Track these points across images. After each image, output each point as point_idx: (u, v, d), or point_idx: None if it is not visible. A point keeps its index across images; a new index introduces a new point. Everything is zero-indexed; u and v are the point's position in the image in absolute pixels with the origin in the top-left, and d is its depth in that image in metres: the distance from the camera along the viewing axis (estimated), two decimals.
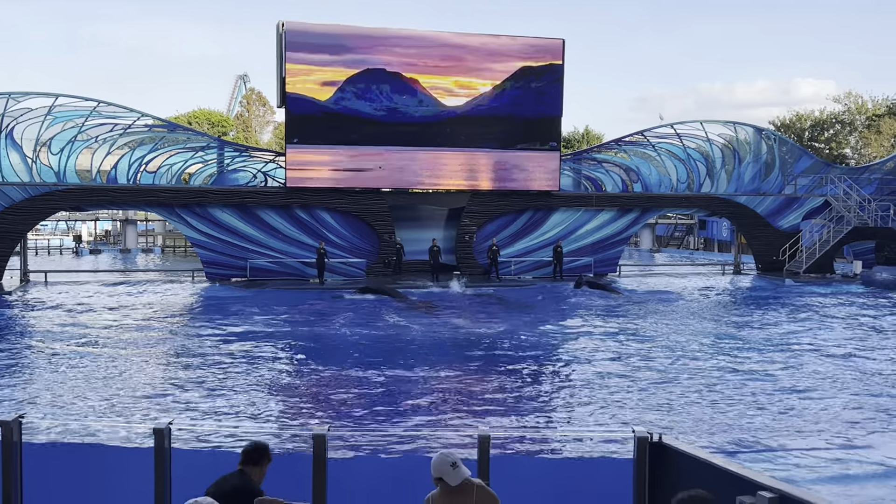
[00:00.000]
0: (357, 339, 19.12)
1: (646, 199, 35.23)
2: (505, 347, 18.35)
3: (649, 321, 22.38)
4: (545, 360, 17.07)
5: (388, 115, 31.39)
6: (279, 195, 31.10)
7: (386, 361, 16.49)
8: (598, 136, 73.39)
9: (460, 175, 32.52)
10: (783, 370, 15.78)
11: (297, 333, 20.03)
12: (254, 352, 17.32)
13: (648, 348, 18.14)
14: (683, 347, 18.24)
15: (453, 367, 16.09)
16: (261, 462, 5.34)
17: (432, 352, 17.81)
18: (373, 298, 26.50)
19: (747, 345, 18.56)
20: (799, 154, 38.26)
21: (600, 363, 16.50)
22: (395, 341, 19.07)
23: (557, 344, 19.00)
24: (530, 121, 32.88)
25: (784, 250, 35.72)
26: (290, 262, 31.28)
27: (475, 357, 17.25)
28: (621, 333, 20.09)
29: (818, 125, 65.26)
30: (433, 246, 31.73)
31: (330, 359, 16.85)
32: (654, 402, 13.23)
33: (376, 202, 32.02)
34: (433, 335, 19.94)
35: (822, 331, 20.73)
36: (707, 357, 17.10)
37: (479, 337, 19.72)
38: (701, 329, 20.87)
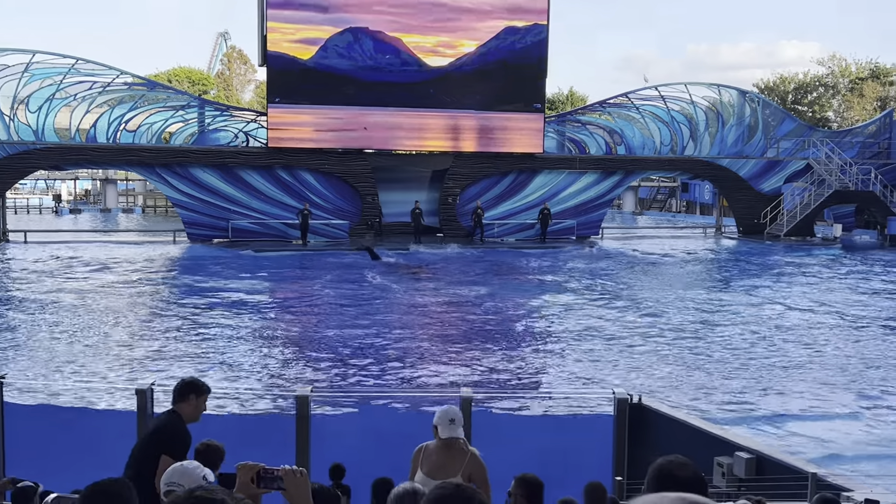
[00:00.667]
0: (340, 300, 19.13)
1: (629, 161, 35.23)
2: (487, 309, 18.42)
3: (630, 283, 22.52)
4: (528, 323, 17.17)
5: (371, 75, 31.08)
6: (261, 155, 30.85)
7: (371, 322, 16.55)
8: (583, 98, 73.02)
9: (444, 136, 32.35)
10: (761, 331, 15.96)
11: (280, 294, 20.01)
12: (236, 312, 17.29)
13: (630, 311, 18.27)
14: (662, 310, 18.37)
15: (436, 329, 16.15)
16: (186, 397, 5.24)
17: (415, 313, 17.86)
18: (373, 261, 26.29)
19: (726, 307, 18.73)
20: (782, 117, 38.32)
21: (581, 325, 16.61)
22: (380, 302, 19.11)
23: (539, 307, 19.09)
24: (514, 82, 32.65)
25: (765, 213, 35.94)
26: (272, 224, 31.15)
27: (457, 319, 17.31)
28: (603, 297, 20.20)
29: (802, 88, 65.30)
30: (415, 208, 31.66)
31: (313, 319, 16.88)
32: (635, 363, 13.37)
33: (359, 163, 31.85)
34: (416, 297, 19.98)
35: (795, 290, 20.94)
36: (685, 319, 17.25)
37: (461, 299, 19.78)
38: (680, 293, 21.02)
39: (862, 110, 58.58)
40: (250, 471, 2.76)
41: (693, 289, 21.67)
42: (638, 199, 60.15)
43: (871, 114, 55.75)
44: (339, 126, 31.02)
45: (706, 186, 50.13)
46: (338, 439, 7.41)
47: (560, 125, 36.20)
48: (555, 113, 43.96)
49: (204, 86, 71.08)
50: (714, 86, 37.10)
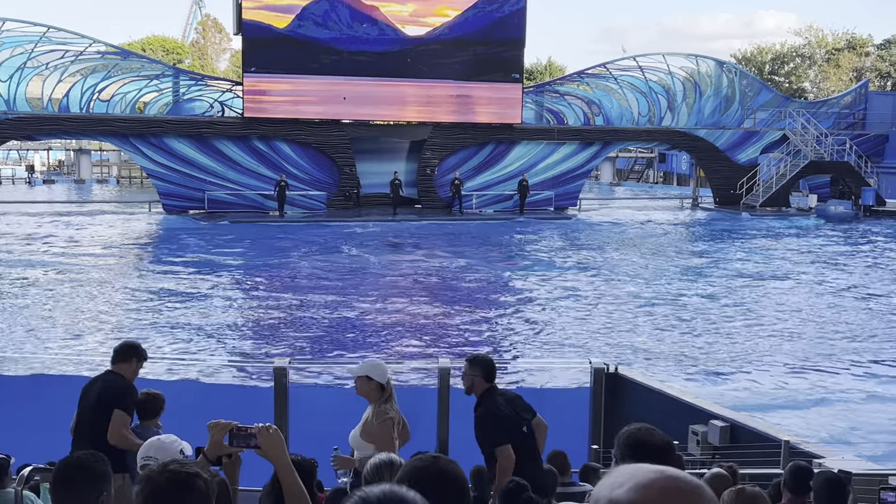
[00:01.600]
0: (317, 272, 19.08)
1: (607, 132, 35.24)
2: (464, 281, 18.46)
3: (603, 254, 22.65)
4: (503, 294, 17.23)
5: (347, 44, 30.79)
6: (237, 126, 30.56)
7: (345, 294, 16.52)
8: (561, 68, 72.83)
9: (422, 107, 32.18)
10: (735, 300, 16.13)
11: (257, 266, 19.93)
12: (212, 283, 17.21)
13: (603, 282, 18.38)
14: (639, 280, 18.51)
15: (412, 300, 16.17)
16: (129, 359, 5.43)
17: (391, 284, 17.87)
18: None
19: (701, 276, 18.89)
20: (759, 88, 38.43)
21: (557, 296, 16.69)
22: (356, 274, 19.09)
23: (515, 277, 19.15)
24: (493, 52, 32.48)
25: (742, 184, 36.16)
26: (248, 195, 30.92)
27: (434, 290, 17.33)
28: (576, 268, 20.31)
29: (779, 59, 65.50)
30: (394, 179, 31.55)
31: (291, 291, 16.83)
32: (611, 333, 13.47)
33: (336, 134, 31.63)
34: (393, 268, 19.98)
35: (770, 261, 21.18)
36: (663, 289, 17.38)
37: (438, 270, 19.79)
38: (656, 263, 21.19)
39: (838, 81, 58.93)
40: (223, 429, 2.72)
41: (669, 259, 21.82)
42: (615, 169, 60.23)
43: (847, 84, 56.08)
44: (316, 96, 30.75)
45: (683, 157, 50.30)
46: (314, 413, 7.42)
47: (538, 96, 36.08)
48: (533, 83, 43.82)
49: (178, 55, 70.06)
50: (692, 56, 37.10)
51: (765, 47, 65.91)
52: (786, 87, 62.36)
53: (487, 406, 5.01)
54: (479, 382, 5.10)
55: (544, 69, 73.12)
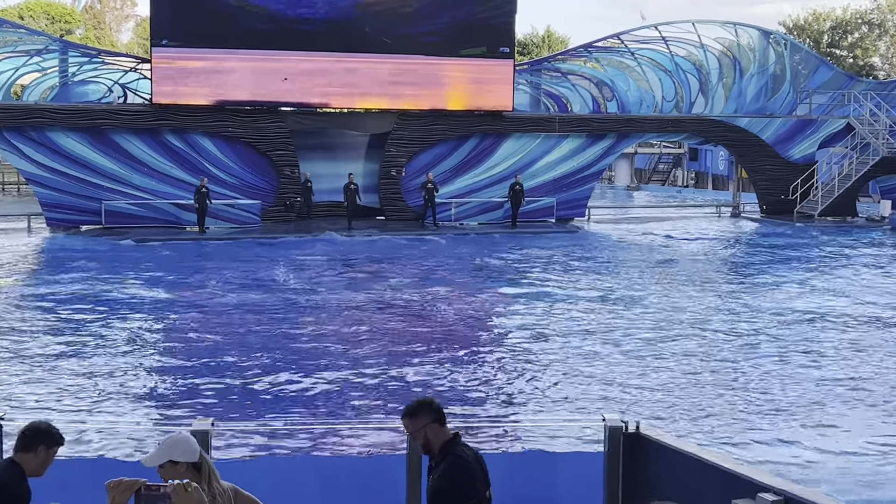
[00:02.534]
0: (246, 305, 18.98)
1: (623, 121, 35.46)
2: (443, 314, 18.42)
3: (621, 279, 22.70)
4: (492, 331, 17.21)
5: (288, 9, 30.84)
6: (144, 116, 30.47)
7: (284, 334, 16.46)
8: (563, 41, 73.46)
9: (384, 90, 32.24)
10: (790, 345, 16.20)
11: (170, 297, 19.78)
12: (112, 323, 17.06)
13: (621, 316, 18.40)
14: (665, 314, 18.54)
15: (374, 339, 16.10)
16: (34, 448, 5.16)
17: (345, 318, 17.80)
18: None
19: (747, 312, 18.96)
20: (816, 64, 38.88)
21: (561, 334, 16.70)
22: (296, 305, 19.02)
23: (506, 310, 19.15)
24: (475, 19, 32.63)
25: (795, 187, 36.46)
26: (159, 205, 30.76)
27: (402, 328, 17.28)
28: (587, 299, 20.32)
29: (840, 27, 66.43)
30: (349, 183, 31.54)
31: (213, 331, 16.71)
32: (632, 383, 13.45)
33: (274, 126, 31.61)
34: (346, 300, 19.91)
35: (833, 292, 21.29)
36: (694, 327, 17.42)
37: (406, 301, 19.74)
38: (687, 292, 21.24)
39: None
40: (127, 490, 2.71)
41: (703, 288, 21.89)
42: (634, 170, 60.66)
43: None
44: (248, 76, 30.74)
45: (720, 153, 50.74)
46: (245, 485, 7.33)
47: (535, 75, 36.26)
48: (528, 60, 44.08)
49: (67, 24, 69.87)
50: (730, 25, 37.47)
51: (822, 13, 66.88)
52: (849, 64, 63.25)
53: (456, 457, 5.02)
54: (435, 431, 5.12)
55: (541, 41, 73.63)
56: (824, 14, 66.98)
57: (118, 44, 74.72)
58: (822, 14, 67.00)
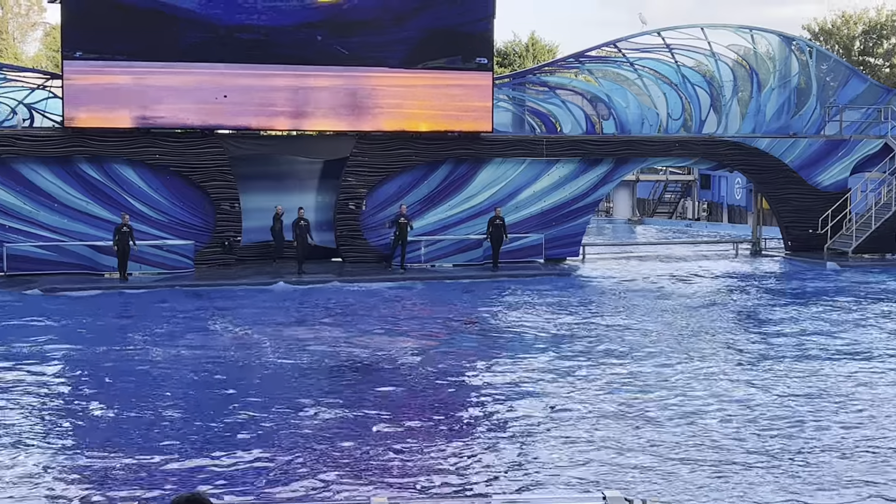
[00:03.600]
0: (179, 368, 18.83)
1: (621, 144, 35.50)
2: (416, 375, 18.28)
3: (627, 330, 22.60)
4: (477, 401, 17.08)
5: (225, 15, 30.80)
6: (54, 141, 30.33)
7: (228, 397, 16.29)
8: (550, 49, 73.97)
9: (340, 109, 32.21)
10: (824, 413, 16.09)
11: (83, 364, 19.51)
12: (11, 397, 16.77)
13: (623, 376, 18.29)
14: (672, 374, 18.48)
15: (335, 404, 15.97)
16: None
17: (300, 382, 17.63)
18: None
19: (770, 372, 18.87)
20: (847, 75, 39.11)
21: (552, 394, 16.58)
22: (241, 366, 18.80)
23: (494, 375, 19.03)
24: (446, 26, 32.67)
25: (825, 220, 36.54)
26: (72, 248, 30.50)
27: (367, 391, 17.13)
28: (583, 354, 20.22)
29: (874, 31, 67.18)
30: (299, 219, 31.39)
31: (140, 396, 16.54)
32: (632, 455, 13.32)
33: (209, 152, 31.49)
34: (297, 359, 19.75)
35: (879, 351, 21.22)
36: (709, 391, 17.32)
37: (373, 359, 19.57)
38: (699, 346, 21.16)
39: None
40: None
41: (725, 340, 21.79)
42: (636, 200, 60.87)
43: None
44: (178, 94, 30.65)
45: (736, 181, 50.95)
46: None
47: (517, 90, 36.29)
48: (509, 72, 44.22)
49: None
50: (745, 30, 37.69)
51: (853, 14, 67.60)
52: (886, 74, 63.90)
53: None
54: None
55: (525, 51, 74.12)
56: (856, 16, 67.68)
57: (23, 57, 74.51)
58: (852, 17, 67.70)
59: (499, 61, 61.60)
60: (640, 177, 56.73)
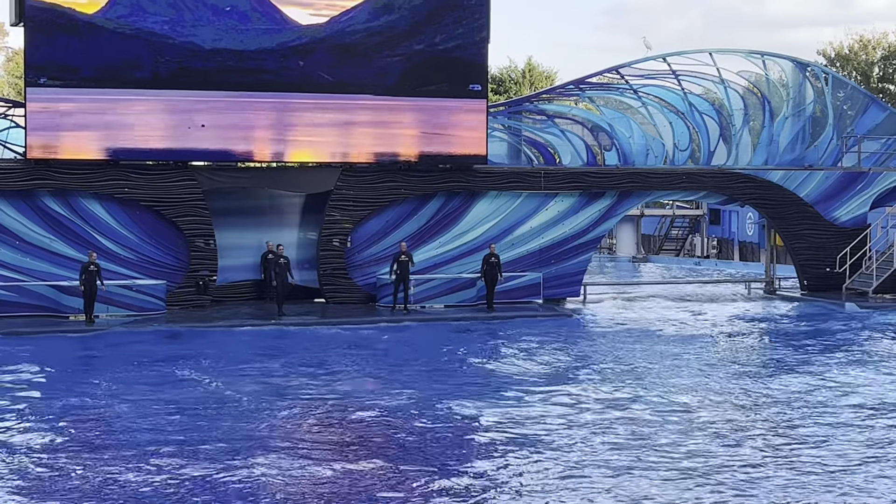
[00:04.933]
0: (153, 423, 18.65)
1: (624, 176, 35.52)
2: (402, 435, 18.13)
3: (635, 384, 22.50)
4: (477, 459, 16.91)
5: (201, 39, 30.88)
6: (15, 174, 30.37)
7: (205, 451, 16.17)
8: (549, 76, 74.26)
9: (325, 139, 32.30)
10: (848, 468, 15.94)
11: (47, 418, 19.33)
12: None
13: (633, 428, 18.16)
14: (687, 425, 18.41)
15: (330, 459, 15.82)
16: None
17: (279, 441, 17.44)
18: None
19: (790, 424, 18.77)
20: (865, 103, 39.18)
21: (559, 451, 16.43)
22: (219, 423, 18.73)
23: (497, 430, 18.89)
24: (438, 51, 32.81)
25: (843, 258, 36.51)
26: (34, 288, 30.38)
27: (365, 447, 16.99)
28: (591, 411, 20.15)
29: (894, 57, 67.39)
30: (279, 256, 31.25)
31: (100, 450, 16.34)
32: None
33: (182, 185, 31.48)
34: (277, 412, 19.58)
35: None
36: (727, 447, 17.18)
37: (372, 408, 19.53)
38: (713, 398, 21.07)
39: None
40: None
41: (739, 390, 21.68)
42: (640, 236, 60.88)
43: None
44: (149, 123, 30.70)
45: (748, 216, 50.95)
46: None
47: (513, 119, 36.33)
48: (505, 99, 44.23)
49: None
50: (756, 55, 37.83)
51: (872, 39, 67.90)
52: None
53: None
54: None
55: (521, 77, 74.36)
56: (874, 41, 68.02)
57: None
58: (871, 41, 68.02)
59: (493, 88, 61.76)
60: (645, 211, 56.82)
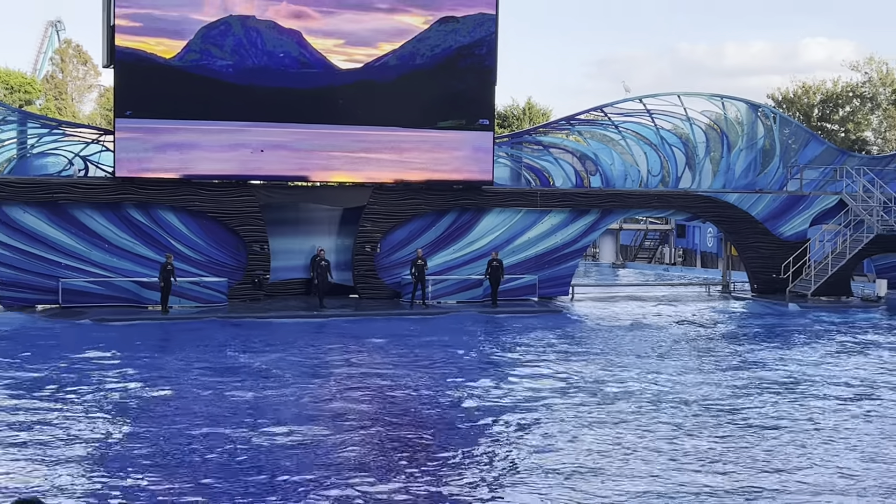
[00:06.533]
0: (210, 389, 18.73)
1: (606, 196, 35.65)
2: (425, 408, 18.27)
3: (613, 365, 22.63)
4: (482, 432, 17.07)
5: (258, 80, 30.98)
6: (106, 189, 30.40)
7: (258, 422, 16.22)
8: (545, 113, 74.29)
9: (358, 163, 32.34)
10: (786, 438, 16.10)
11: (128, 387, 19.49)
12: (62, 415, 16.78)
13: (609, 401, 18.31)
14: (655, 400, 18.44)
15: (349, 441, 15.91)
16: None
17: (317, 415, 17.59)
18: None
19: (737, 404, 18.89)
20: (806, 138, 39.31)
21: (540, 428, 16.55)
22: (269, 394, 18.78)
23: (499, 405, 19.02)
24: (453, 90, 32.91)
25: (787, 266, 36.62)
26: (120, 283, 30.57)
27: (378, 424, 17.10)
28: (573, 387, 20.23)
29: (831, 100, 67.46)
30: (320, 259, 31.40)
31: (170, 418, 16.45)
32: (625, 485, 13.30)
33: (242, 200, 31.61)
34: (316, 388, 19.72)
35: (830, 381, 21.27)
36: (687, 417, 17.32)
37: (379, 393, 19.54)
38: (678, 378, 21.18)
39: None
40: None
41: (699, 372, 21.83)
42: (619, 246, 60.89)
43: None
44: (215, 149, 30.78)
45: (709, 230, 51.03)
46: None
47: (515, 148, 36.48)
48: (508, 132, 44.44)
49: (27, 94, 70.15)
50: (717, 97, 37.94)
51: (812, 85, 67.91)
52: (841, 138, 64.16)
53: None
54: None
55: (522, 113, 74.44)
56: (815, 87, 68.03)
57: (80, 115, 75.01)
58: (812, 87, 68.05)
59: (499, 123, 61.92)
60: (623, 226, 56.86)
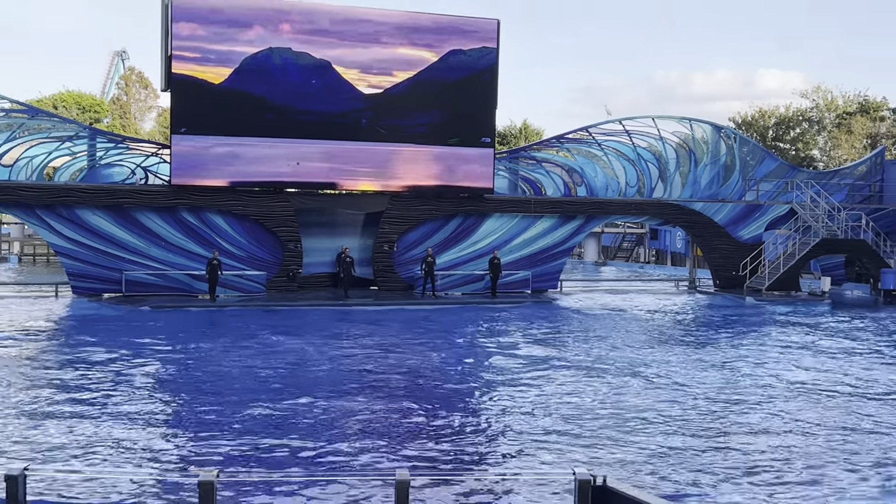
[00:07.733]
0: (252, 365, 18.85)
1: (591, 204, 35.82)
2: (426, 376, 18.34)
3: (585, 344, 22.69)
4: (469, 392, 17.11)
5: (293, 102, 31.20)
6: (163, 195, 30.60)
7: (284, 393, 16.37)
8: (538, 132, 74.40)
9: (378, 174, 32.53)
10: (740, 402, 16.16)
11: (181, 361, 19.63)
12: (126, 384, 16.89)
13: (586, 377, 18.37)
14: (627, 375, 18.52)
15: (364, 399, 15.97)
16: None
17: (338, 382, 17.66)
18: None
19: (701, 376, 18.95)
20: (762, 156, 39.43)
21: (535, 394, 16.62)
22: (297, 370, 18.89)
23: (485, 371, 19.08)
24: (459, 112, 33.09)
25: (745, 264, 36.74)
26: (174, 275, 30.80)
27: (391, 388, 17.17)
28: (554, 359, 20.29)
29: (783, 123, 67.50)
30: (345, 256, 31.59)
31: (219, 390, 16.57)
32: (598, 438, 13.35)
33: (279, 205, 31.79)
34: (341, 361, 19.80)
35: (780, 359, 21.33)
36: (655, 388, 17.38)
37: (397, 364, 19.65)
38: (650, 357, 21.25)
39: (851, 148, 60.69)
40: None
41: (663, 351, 21.90)
42: (601, 247, 61.00)
43: (861, 153, 57.80)
44: (256, 161, 30.97)
45: (678, 233, 51.14)
46: None
47: (512, 162, 36.65)
48: (506, 148, 44.54)
49: (96, 113, 70.40)
50: (685, 120, 38.07)
51: (767, 110, 67.97)
52: (792, 156, 64.13)
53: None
54: None
55: (519, 133, 74.51)
56: (769, 112, 68.11)
57: (141, 131, 75.28)
58: (767, 112, 68.12)
59: (499, 140, 62.11)
60: (605, 229, 57.06)
